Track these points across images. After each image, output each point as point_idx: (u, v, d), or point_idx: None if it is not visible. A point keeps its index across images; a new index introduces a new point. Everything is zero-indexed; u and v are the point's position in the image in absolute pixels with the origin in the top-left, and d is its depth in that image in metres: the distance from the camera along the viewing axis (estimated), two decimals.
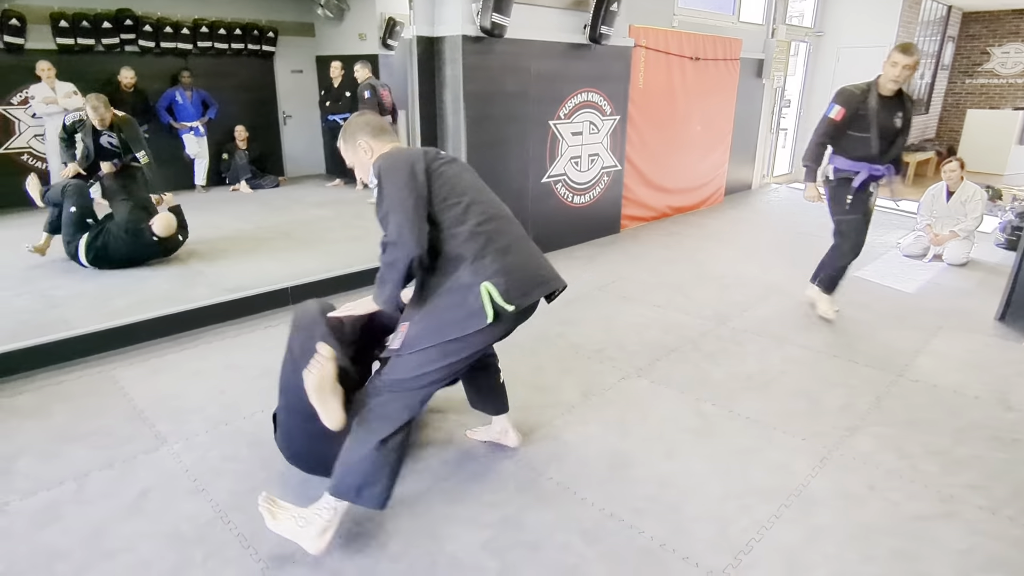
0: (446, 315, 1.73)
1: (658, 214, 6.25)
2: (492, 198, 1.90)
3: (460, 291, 1.72)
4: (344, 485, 1.74)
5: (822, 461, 2.27)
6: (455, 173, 1.83)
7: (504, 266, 1.74)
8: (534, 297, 1.78)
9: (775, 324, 3.57)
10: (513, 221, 1.90)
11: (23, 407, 2.57)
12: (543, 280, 1.83)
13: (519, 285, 1.74)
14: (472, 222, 1.76)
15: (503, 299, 1.70)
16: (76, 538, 1.84)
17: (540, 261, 1.87)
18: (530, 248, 1.88)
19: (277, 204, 6.91)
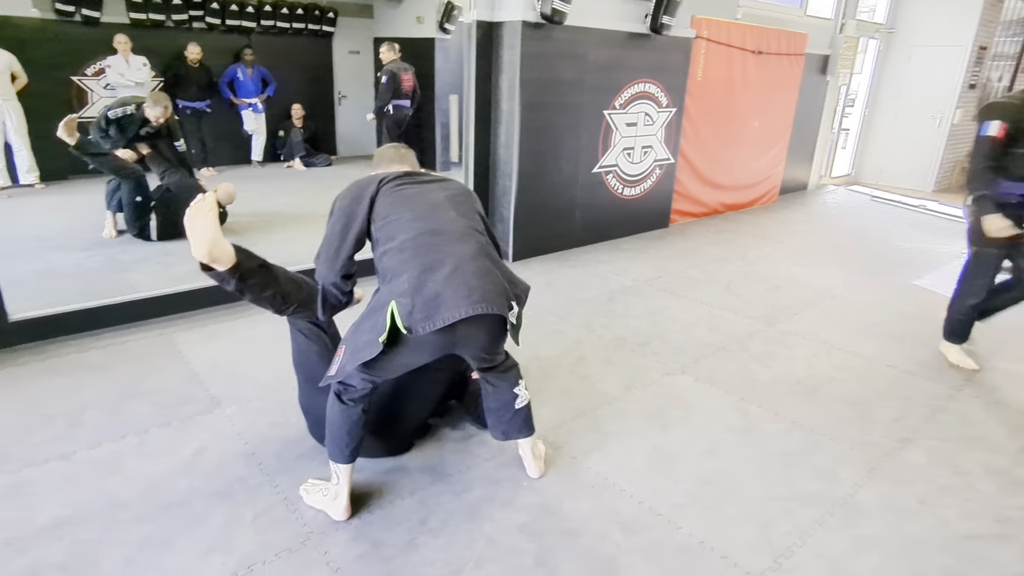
0: (363, 336, 1.67)
1: (709, 210, 6.12)
2: (444, 215, 1.76)
3: (378, 310, 1.65)
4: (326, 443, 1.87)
5: (871, 471, 2.20)
6: (412, 193, 1.79)
7: (417, 285, 1.60)
8: (438, 322, 1.58)
9: (827, 329, 3.47)
10: (465, 239, 1.72)
11: (91, 363, 2.71)
12: (460, 304, 1.59)
13: (425, 307, 1.58)
14: (402, 237, 1.69)
15: (403, 321, 1.58)
16: (136, 489, 1.94)
17: (477, 283, 1.63)
18: (470, 268, 1.65)
19: (329, 182, 7.05)
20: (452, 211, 1.81)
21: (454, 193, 1.89)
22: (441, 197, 1.84)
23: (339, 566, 1.68)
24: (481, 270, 1.68)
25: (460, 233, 1.75)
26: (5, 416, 2.29)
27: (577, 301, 3.72)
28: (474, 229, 1.81)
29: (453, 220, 1.78)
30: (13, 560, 1.65)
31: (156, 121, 4.45)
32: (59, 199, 5.59)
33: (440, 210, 1.79)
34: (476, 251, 1.72)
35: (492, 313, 1.65)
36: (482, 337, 1.74)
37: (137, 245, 4.34)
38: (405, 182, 1.85)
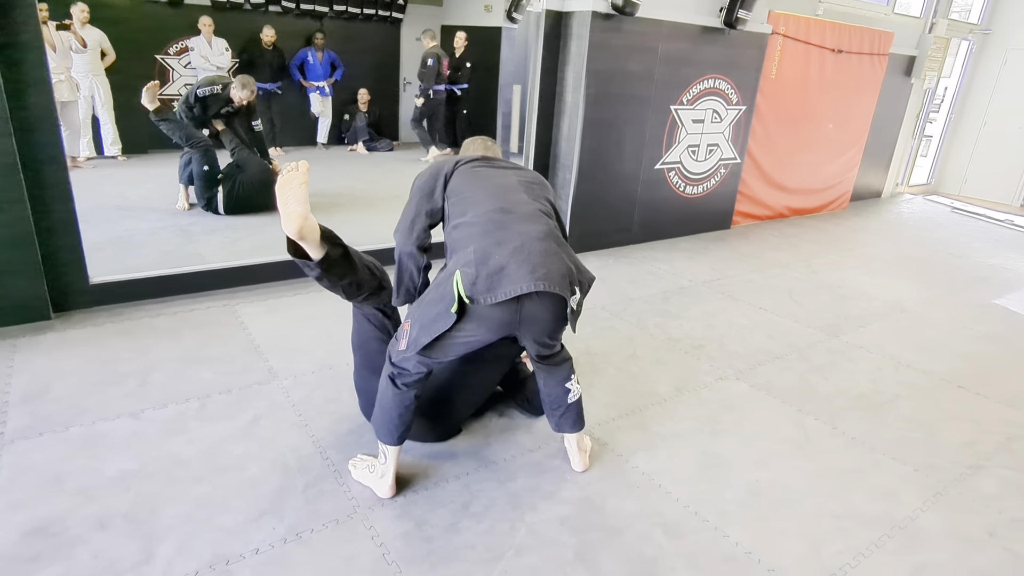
0: (432, 309, 1.68)
1: (774, 214, 5.92)
2: (515, 197, 1.79)
3: (443, 282, 1.68)
4: (374, 422, 1.89)
5: (935, 496, 2.09)
6: (487, 174, 1.86)
7: (482, 256, 1.61)
8: (499, 295, 1.58)
9: (894, 344, 3.30)
10: (531, 219, 1.73)
11: (161, 328, 2.85)
12: (523, 278, 1.58)
13: (489, 278, 1.58)
14: (473, 212, 1.73)
15: (466, 291, 1.59)
16: (196, 450, 2.03)
17: (542, 261, 1.62)
18: (537, 247, 1.65)
19: (390, 167, 7.18)
20: (524, 194, 1.85)
21: (528, 179, 1.94)
22: (514, 180, 1.88)
23: (383, 541, 1.71)
24: (547, 250, 1.68)
25: (529, 214, 1.77)
26: (84, 372, 2.44)
27: (631, 299, 3.66)
28: (543, 212, 1.82)
29: (524, 202, 1.80)
30: (85, 507, 1.76)
31: (240, 102, 4.66)
32: (139, 171, 5.89)
33: (512, 192, 1.83)
34: (544, 232, 1.73)
35: (554, 293, 1.65)
36: (546, 318, 1.73)
37: (207, 218, 4.53)
38: (481, 164, 1.92)
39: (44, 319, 2.81)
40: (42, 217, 2.74)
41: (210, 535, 1.69)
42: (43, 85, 2.63)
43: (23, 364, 2.47)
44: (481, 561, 1.67)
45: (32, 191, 2.68)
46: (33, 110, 2.62)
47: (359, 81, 7.92)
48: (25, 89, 2.59)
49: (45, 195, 2.74)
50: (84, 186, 5.19)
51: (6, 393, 2.26)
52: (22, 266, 2.70)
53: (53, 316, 2.85)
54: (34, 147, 2.66)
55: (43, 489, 1.81)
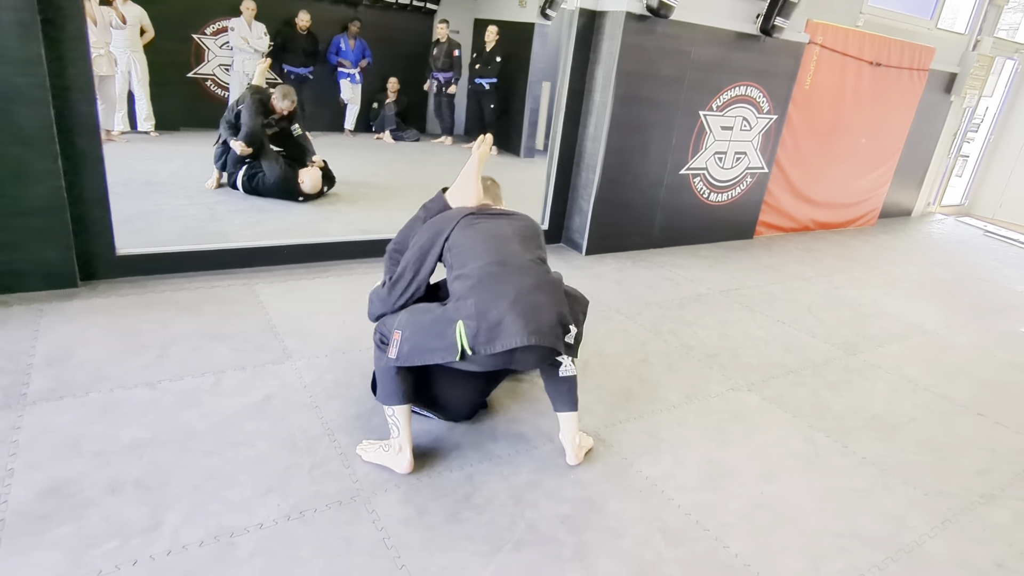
0: (431, 342, 1.84)
1: (799, 226, 5.84)
2: (510, 248, 1.95)
3: (444, 323, 1.83)
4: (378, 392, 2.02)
5: (944, 523, 2.05)
6: (484, 227, 1.99)
7: (483, 310, 1.78)
8: (497, 347, 1.76)
9: (914, 366, 3.25)
10: (526, 271, 1.90)
11: (182, 302, 2.91)
12: (518, 333, 1.76)
13: (489, 332, 1.77)
14: (472, 265, 1.88)
15: (468, 342, 1.78)
16: (209, 424, 2.07)
17: (534, 315, 1.80)
18: (529, 300, 1.82)
19: (415, 157, 7.22)
20: (518, 245, 1.98)
21: (521, 227, 2.07)
22: (508, 231, 2.03)
23: (384, 526, 1.74)
24: (538, 304, 1.84)
25: (522, 266, 1.92)
26: (106, 341, 2.50)
27: (647, 303, 3.64)
28: (535, 262, 1.98)
29: (518, 253, 1.95)
30: (100, 470, 1.80)
31: (280, 112, 4.73)
32: (170, 148, 6.00)
33: (507, 243, 1.97)
34: (535, 284, 1.88)
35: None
36: (534, 360, 1.94)
37: (233, 197, 4.60)
38: (479, 218, 2.05)
39: (71, 286, 2.88)
40: (74, 186, 2.81)
41: (216, 507, 1.73)
42: (82, 57, 2.69)
43: (48, 329, 2.54)
44: (479, 553, 1.69)
45: (66, 161, 2.74)
46: (71, 81, 2.69)
47: (390, 70, 7.97)
48: (65, 61, 2.65)
49: (78, 165, 2.81)
50: (116, 159, 5.30)
51: (31, 356, 2.33)
52: (53, 233, 2.77)
53: (80, 284, 2.92)
54: (70, 118, 2.72)
55: (60, 451, 1.86)
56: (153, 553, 1.55)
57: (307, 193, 4.65)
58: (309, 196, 4.70)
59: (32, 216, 2.69)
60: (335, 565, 1.59)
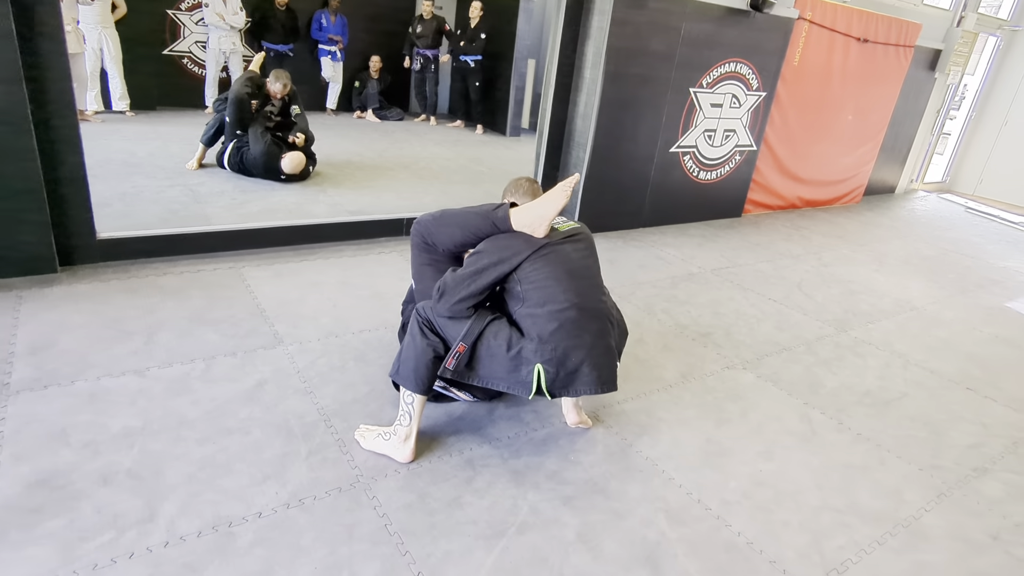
0: (499, 371, 1.85)
1: (786, 204, 5.86)
2: (584, 286, 1.93)
3: (520, 359, 1.84)
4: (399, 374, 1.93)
5: (939, 497, 2.08)
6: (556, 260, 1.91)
7: (563, 358, 1.83)
8: (571, 393, 1.87)
9: (904, 342, 3.28)
10: (599, 316, 1.93)
11: (167, 286, 2.83)
12: (592, 383, 1.87)
13: (566, 379, 1.85)
14: (552, 307, 1.85)
15: (547, 386, 1.84)
16: (201, 411, 2.02)
17: (602, 362, 1.89)
18: (600, 346, 1.90)
19: (399, 136, 7.10)
20: (587, 281, 1.96)
21: (584, 249, 2.02)
22: (577, 259, 1.97)
23: (385, 512, 1.71)
24: (607, 351, 1.92)
25: (596, 311, 1.93)
26: (90, 327, 2.42)
27: (639, 283, 3.63)
28: (603, 301, 1.99)
29: (588, 293, 1.93)
30: (90, 461, 1.75)
31: (275, 96, 4.58)
32: (146, 128, 5.82)
33: (581, 279, 1.94)
34: (605, 329, 1.94)
35: None
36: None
37: (215, 178, 4.48)
38: (550, 251, 1.93)
39: (51, 272, 2.79)
40: (51, 168, 2.70)
41: (213, 496, 1.68)
42: (55, 34, 2.57)
43: (29, 316, 2.45)
44: (483, 536, 1.67)
45: (42, 142, 2.63)
46: (44, 59, 2.57)
47: (372, 48, 7.79)
48: (36, 38, 2.53)
49: (55, 146, 2.70)
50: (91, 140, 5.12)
51: (12, 344, 2.25)
52: (30, 217, 2.67)
53: (60, 269, 2.83)
54: (45, 97, 2.61)
55: (47, 442, 1.80)
56: (150, 545, 1.51)
57: (287, 172, 4.54)
58: (292, 176, 4.59)
59: (7, 198, 2.59)
60: (338, 553, 1.56)
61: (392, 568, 1.54)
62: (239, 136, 4.54)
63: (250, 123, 4.54)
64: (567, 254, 1.96)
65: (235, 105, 4.46)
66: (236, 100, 4.45)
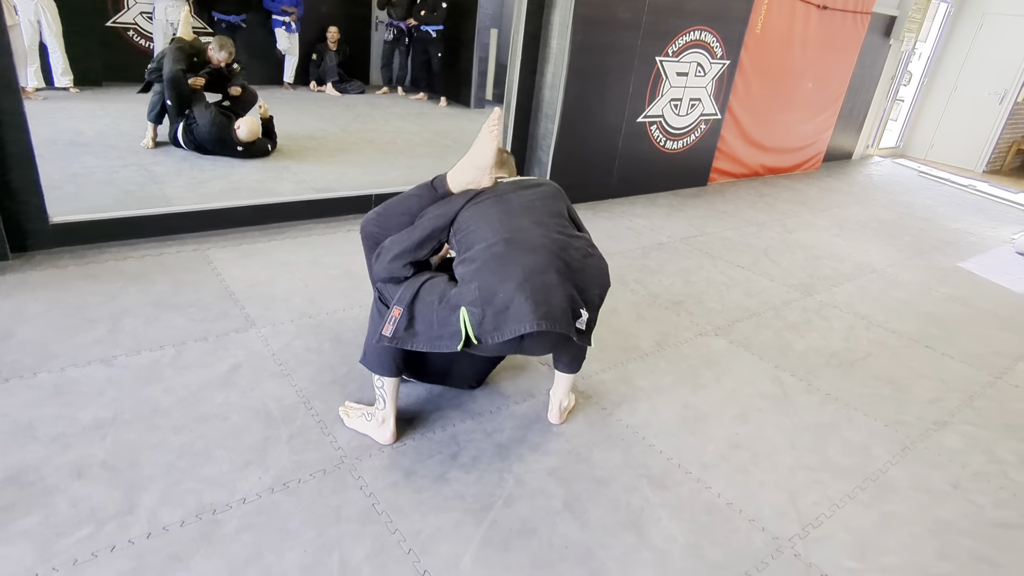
0: (435, 329, 1.67)
1: (749, 172, 5.94)
2: (519, 223, 1.74)
3: (448, 309, 1.66)
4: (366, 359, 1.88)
5: (904, 450, 2.18)
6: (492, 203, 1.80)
7: (488, 295, 1.62)
8: (505, 334, 1.60)
9: (866, 304, 3.39)
10: (537, 249, 1.69)
11: (128, 271, 2.72)
12: (527, 317, 1.58)
13: (495, 318, 1.60)
14: (478, 247, 1.70)
15: (474, 331, 1.62)
16: (175, 399, 1.97)
17: (542, 297, 1.62)
18: (539, 281, 1.64)
19: (361, 110, 6.92)
20: (527, 219, 1.76)
21: (534, 197, 1.84)
22: (517, 203, 1.80)
23: (372, 491, 1.71)
24: (548, 284, 1.65)
25: (532, 244, 1.71)
26: (49, 316, 2.32)
27: (610, 254, 3.64)
28: (550, 236, 1.75)
29: (527, 228, 1.74)
30: (60, 455, 1.69)
31: (218, 64, 4.41)
32: (94, 105, 5.53)
33: (515, 217, 1.76)
34: (546, 263, 1.68)
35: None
36: (547, 344, 1.77)
37: (171, 157, 4.30)
38: (485, 194, 1.83)
39: (1, 259, 2.65)
40: None
41: (194, 484, 1.65)
42: None
43: None
44: (471, 511, 1.69)
45: None
46: None
47: (329, 19, 7.52)
48: None
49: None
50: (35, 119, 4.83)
51: None
52: None
53: (11, 256, 2.69)
54: None
55: (13, 437, 1.73)
56: (131, 537, 1.48)
57: (244, 141, 4.37)
58: (249, 147, 4.42)
59: None
60: (327, 535, 1.55)
61: (383, 546, 1.54)
62: (186, 115, 4.35)
63: (192, 101, 4.35)
64: (508, 199, 1.81)
65: (171, 87, 4.25)
66: (171, 81, 4.23)
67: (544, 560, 1.56)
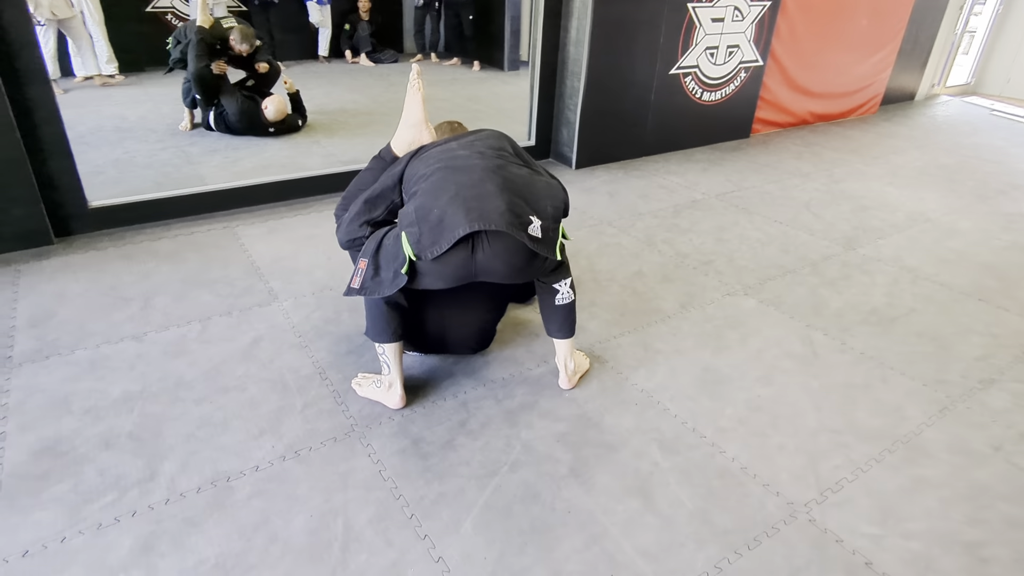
0: (388, 266, 1.72)
1: (796, 120, 5.61)
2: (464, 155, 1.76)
3: (394, 239, 1.71)
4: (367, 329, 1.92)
5: (942, 411, 2.05)
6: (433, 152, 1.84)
7: (423, 213, 1.64)
8: (443, 244, 1.60)
9: (914, 256, 3.18)
10: (471, 170, 1.70)
11: (161, 251, 2.84)
12: (460, 223, 1.58)
13: (432, 233, 1.61)
14: (421, 184, 1.73)
15: (413, 249, 1.64)
16: (198, 372, 2.06)
17: (476, 204, 1.62)
18: (471, 192, 1.64)
19: (393, 79, 6.91)
20: (464, 151, 1.80)
21: (474, 139, 1.89)
22: (455, 146, 1.85)
23: (380, 458, 1.74)
24: (483, 193, 1.65)
25: (468, 166, 1.74)
26: (87, 296, 2.45)
27: (640, 213, 3.54)
28: (487, 161, 1.75)
29: (463, 157, 1.77)
30: (91, 426, 1.80)
31: (242, 53, 4.49)
32: (137, 90, 5.74)
33: (453, 153, 1.81)
34: (482, 178, 1.69)
35: (502, 233, 1.63)
36: (505, 259, 1.69)
37: (208, 139, 4.43)
38: (430, 147, 1.89)
39: (47, 244, 2.81)
40: (32, 141, 2.67)
41: (211, 453, 1.73)
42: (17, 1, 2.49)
43: (28, 289, 2.49)
44: (476, 476, 1.70)
45: (18, 115, 2.59)
46: (8, 29, 2.49)
47: None
48: None
49: (33, 118, 2.66)
50: (82, 107, 5.11)
51: (12, 318, 2.29)
52: (18, 191, 2.66)
53: (55, 241, 2.85)
54: (15, 69, 2.55)
55: (51, 410, 1.85)
56: (151, 503, 1.56)
57: (273, 121, 4.46)
58: (278, 126, 4.51)
59: None
60: (333, 500, 1.60)
61: (386, 511, 1.58)
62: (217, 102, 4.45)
63: (220, 90, 4.45)
64: (449, 145, 1.86)
65: (197, 83, 4.39)
66: (196, 78, 4.36)
67: (544, 525, 1.56)
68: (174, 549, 1.45)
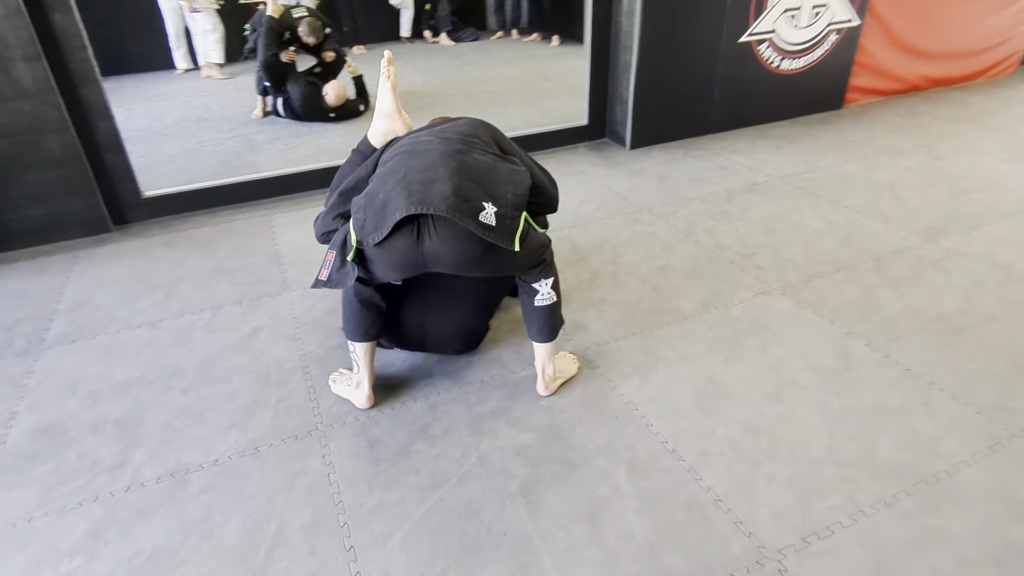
0: (340, 256, 1.70)
1: (905, 86, 4.90)
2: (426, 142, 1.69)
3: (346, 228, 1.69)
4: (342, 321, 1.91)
5: (992, 447, 1.70)
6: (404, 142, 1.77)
7: (369, 198, 1.60)
8: (383, 229, 1.54)
9: (1010, 251, 2.67)
10: (426, 154, 1.62)
11: (199, 239, 3.00)
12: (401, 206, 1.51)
13: (375, 216, 1.56)
14: (380, 169, 1.71)
15: (357, 235, 1.61)
16: (194, 361, 2.15)
17: (420, 187, 1.53)
18: (419, 177, 1.55)
19: (470, 58, 6.86)
20: (429, 137, 1.73)
21: (447, 127, 1.80)
22: (426, 133, 1.78)
23: (332, 460, 1.73)
24: (431, 178, 1.56)
25: (426, 151, 1.65)
26: (123, 283, 2.65)
27: (686, 199, 3.26)
28: (449, 146, 1.66)
29: (427, 143, 1.69)
30: (88, 410, 1.94)
31: (310, 44, 4.67)
32: (228, 81, 6.11)
33: (417, 139, 1.75)
34: (434, 163, 1.60)
35: (452, 221, 1.53)
36: (454, 247, 1.58)
37: (275, 126, 4.63)
38: (404, 136, 1.85)
39: (105, 232, 3.06)
40: (87, 136, 2.91)
41: (181, 444, 1.80)
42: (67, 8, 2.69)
43: (79, 274, 2.73)
44: (421, 487, 1.64)
45: (73, 112, 2.82)
46: (59, 31, 2.71)
47: None
48: (47, 9, 2.66)
49: (87, 114, 2.89)
50: (174, 99, 5.53)
51: (57, 302, 2.53)
52: (76, 184, 2.92)
53: (113, 228, 3.10)
54: (67, 68, 2.77)
55: (60, 393, 2.02)
56: (113, 490, 1.66)
57: (333, 107, 4.59)
58: (340, 111, 4.63)
59: (51, 169, 2.84)
60: (274, 502, 1.61)
61: (320, 518, 1.56)
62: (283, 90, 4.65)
63: (287, 77, 4.63)
64: (419, 134, 1.80)
65: (266, 71, 4.64)
66: (265, 66, 4.61)
67: (475, 547, 1.48)
68: (119, 538, 1.53)
